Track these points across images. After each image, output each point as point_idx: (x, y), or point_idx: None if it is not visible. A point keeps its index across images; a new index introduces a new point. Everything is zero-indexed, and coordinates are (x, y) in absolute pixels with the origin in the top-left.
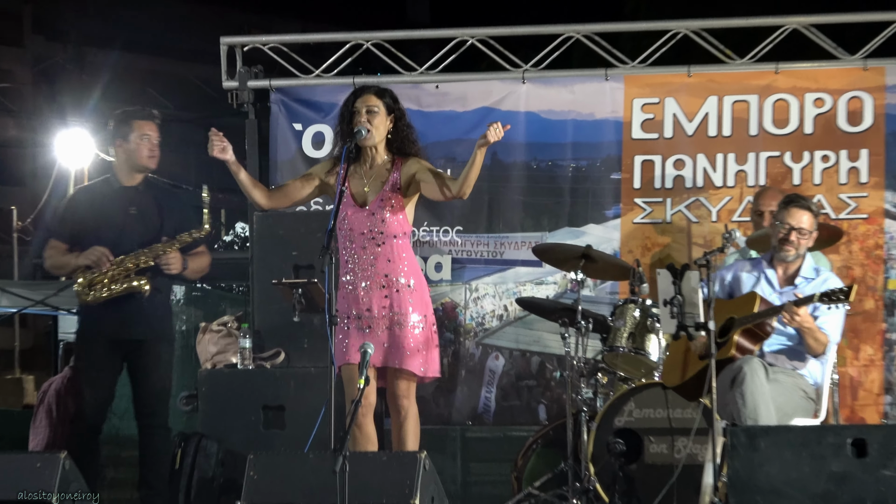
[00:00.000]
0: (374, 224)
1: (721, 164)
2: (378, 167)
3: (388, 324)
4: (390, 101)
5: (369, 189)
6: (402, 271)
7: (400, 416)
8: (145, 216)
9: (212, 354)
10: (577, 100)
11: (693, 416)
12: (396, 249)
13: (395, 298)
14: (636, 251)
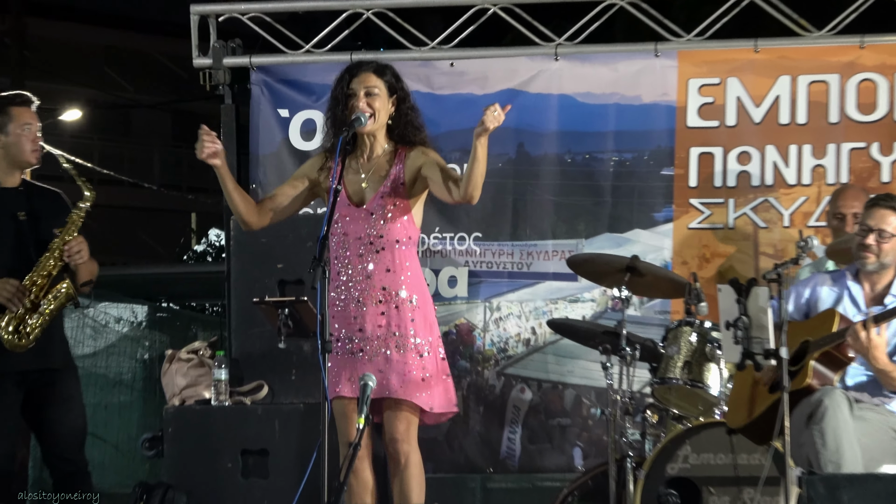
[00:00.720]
0: (372, 227)
1: (795, 157)
2: (377, 159)
3: (385, 347)
4: (392, 80)
5: (368, 185)
6: (404, 284)
7: (399, 465)
8: (37, 221)
9: (180, 388)
10: (620, 80)
11: (762, 461)
12: (398, 257)
13: (393, 316)
14: (692, 262)
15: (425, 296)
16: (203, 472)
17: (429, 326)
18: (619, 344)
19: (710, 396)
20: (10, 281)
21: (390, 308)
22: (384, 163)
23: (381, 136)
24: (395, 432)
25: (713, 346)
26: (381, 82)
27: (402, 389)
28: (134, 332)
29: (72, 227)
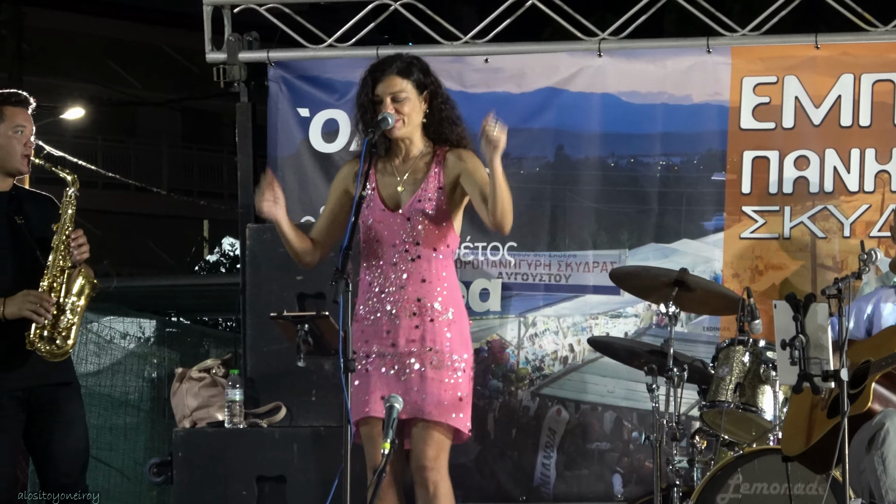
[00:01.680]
0: (408, 233)
1: (857, 162)
2: (414, 160)
3: (420, 363)
4: (420, 77)
5: (404, 189)
6: (440, 296)
7: (428, 494)
8: (33, 226)
9: (191, 409)
10: (669, 78)
11: (819, 492)
12: (435, 267)
13: (428, 330)
14: (744, 275)
15: (461, 310)
16: (215, 500)
17: (465, 343)
18: (665, 364)
19: (763, 421)
20: (30, 293)
21: (425, 321)
22: (422, 165)
23: (417, 137)
24: (424, 459)
25: (767, 367)
26: (408, 84)
27: (436, 410)
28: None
29: (67, 218)
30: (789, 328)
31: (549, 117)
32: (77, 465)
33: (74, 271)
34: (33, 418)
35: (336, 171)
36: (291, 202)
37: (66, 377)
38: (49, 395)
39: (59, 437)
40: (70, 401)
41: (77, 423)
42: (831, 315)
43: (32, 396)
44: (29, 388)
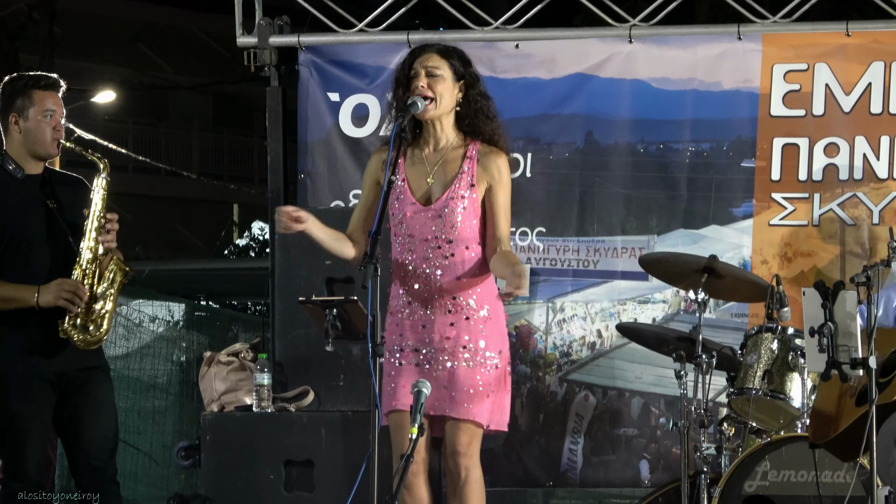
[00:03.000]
0: (440, 229)
1: (887, 149)
2: (445, 151)
3: (453, 360)
4: (458, 65)
5: (434, 181)
6: (475, 293)
7: (459, 480)
8: (65, 210)
9: (219, 393)
10: (699, 65)
11: (847, 480)
12: (469, 264)
13: (463, 327)
14: (772, 262)
15: (497, 304)
16: (243, 484)
17: (501, 338)
18: (694, 351)
19: (791, 409)
20: (65, 282)
21: (460, 319)
22: (453, 157)
23: (449, 126)
24: (457, 445)
25: (796, 354)
26: (445, 64)
27: (465, 409)
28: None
29: (100, 202)
30: (818, 316)
31: (579, 103)
32: (106, 450)
33: (106, 258)
34: (64, 402)
35: (366, 156)
36: (321, 186)
37: (97, 361)
38: (80, 379)
39: (88, 421)
40: (100, 384)
41: (106, 407)
42: (860, 303)
43: (64, 380)
44: (60, 373)
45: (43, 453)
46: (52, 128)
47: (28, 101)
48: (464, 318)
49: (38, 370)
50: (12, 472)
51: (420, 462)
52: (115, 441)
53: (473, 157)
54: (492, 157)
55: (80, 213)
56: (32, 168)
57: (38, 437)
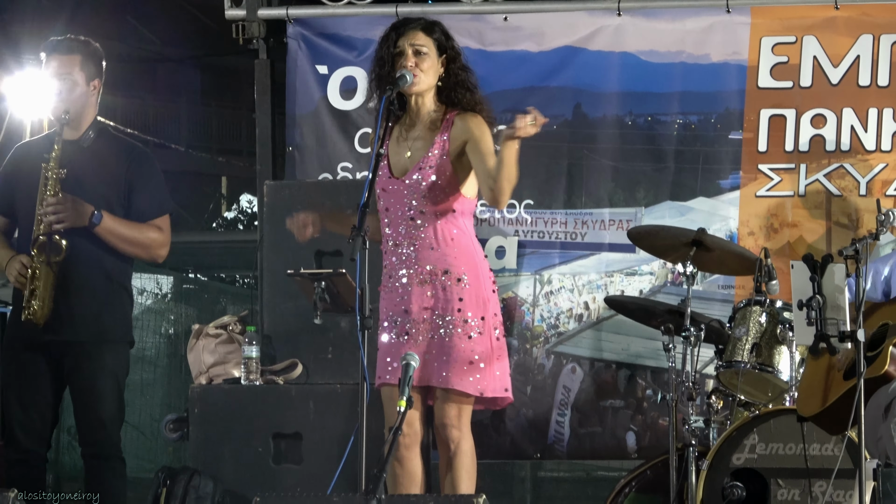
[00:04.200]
0: (413, 199)
1: (874, 121)
2: (424, 124)
3: (432, 330)
4: (441, 38)
5: (411, 154)
6: (450, 262)
7: (449, 451)
8: (80, 181)
9: (207, 366)
10: (688, 37)
11: (835, 453)
12: (443, 233)
13: (440, 297)
14: (759, 234)
15: (477, 270)
16: (231, 456)
17: (481, 304)
18: (682, 323)
19: (780, 382)
20: (20, 259)
21: (437, 288)
22: (430, 130)
23: (430, 99)
24: (445, 417)
25: (784, 327)
26: (430, 41)
27: (448, 378)
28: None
29: (50, 181)
30: (806, 289)
31: (567, 76)
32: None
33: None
34: (68, 372)
35: (354, 129)
36: (309, 159)
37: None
38: (83, 352)
39: (79, 395)
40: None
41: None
42: (848, 276)
43: (63, 350)
44: (52, 342)
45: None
46: (54, 93)
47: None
48: (440, 289)
49: (27, 339)
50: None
51: (412, 435)
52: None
53: (448, 127)
54: (466, 117)
55: (99, 184)
56: (70, 133)
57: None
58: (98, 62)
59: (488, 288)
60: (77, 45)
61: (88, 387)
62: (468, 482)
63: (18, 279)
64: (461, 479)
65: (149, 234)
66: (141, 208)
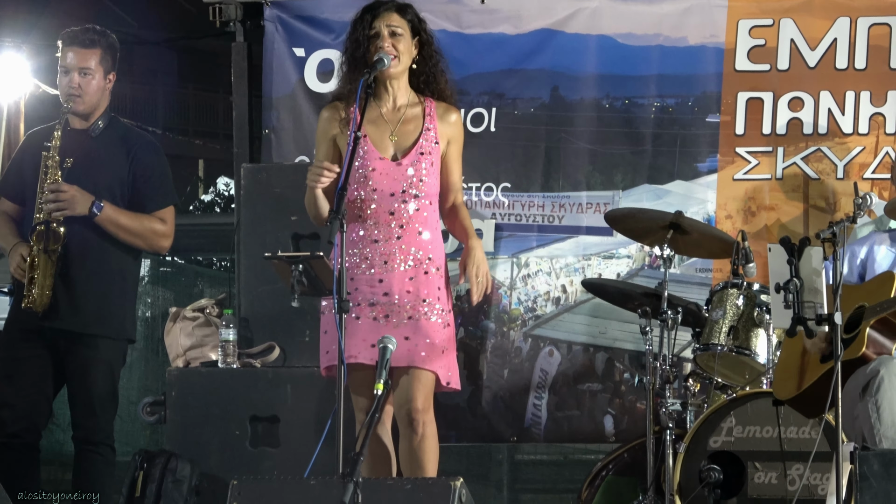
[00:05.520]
0: (409, 183)
1: (852, 104)
2: (404, 108)
3: (413, 313)
4: (415, 21)
5: (397, 137)
6: (434, 249)
7: (416, 435)
8: (86, 170)
9: (184, 349)
10: (665, 20)
11: (812, 436)
12: (430, 219)
13: (422, 282)
14: (736, 217)
15: (444, 260)
16: (208, 439)
17: (449, 295)
18: (659, 306)
19: (757, 365)
20: (19, 249)
21: (419, 273)
22: (413, 115)
23: (404, 83)
24: (415, 401)
25: (761, 310)
26: (404, 22)
27: (427, 360)
28: None
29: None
30: (784, 272)
31: (544, 59)
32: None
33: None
34: (63, 359)
35: None
36: (286, 141)
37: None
38: (77, 341)
39: (71, 384)
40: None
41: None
42: (826, 259)
43: (58, 338)
44: (47, 329)
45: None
46: (67, 83)
47: (60, 56)
48: (423, 273)
49: (26, 325)
50: None
51: (385, 415)
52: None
53: (433, 114)
54: (451, 113)
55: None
56: (79, 122)
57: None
58: (115, 55)
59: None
60: (97, 38)
61: (82, 374)
62: (433, 465)
63: (17, 270)
64: (428, 463)
65: (151, 226)
66: (144, 199)
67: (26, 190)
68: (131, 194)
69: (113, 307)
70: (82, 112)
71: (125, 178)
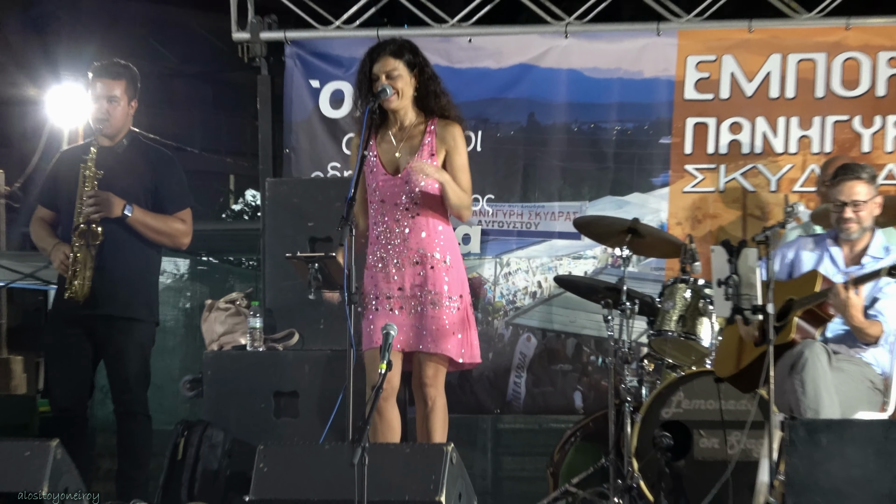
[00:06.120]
0: (407, 194)
1: (783, 128)
2: (409, 129)
3: (421, 304)
4: (410, 57)
5: (401, 155)
6: (438, 246)
7: (426, 407)
8: (115, 181)
9: (218, 335)
10: (624, 56)
11: (748, 408)
12: (433, 222)
13: (429, 276)
14: (685, 223)
15: (457, 255)
16: (239, 411)
17: (460, 284)
18: (619, 299)
19: (701, 348)
20: (62, 248)
21: (426, 268)
22: (416, 133)
23: (410, 108)
24: (424, 377)
25: (706, 301)
26: (400, 63)
27: (434, 344)
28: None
29: (81, 182)
30: (724, 269)
31: (522, 89)
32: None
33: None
34: (101, 341)
35: (342, 134)
36: (303, 159)
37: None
38: (114, 325)
39: (109, 363)
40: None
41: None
42: (760, 258)
43: (95, 325)
44: (88, 316)
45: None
46: (97, 109)
47: (91, 86)
48: (429, 268)
49: (69, 315)
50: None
51: (390, 389)
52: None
53: (433, 131)
54: (447, 128)
55: (133, 183)
56: (106, 141)
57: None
58: (137, 84)
59: (464, 270)
60: (122, 70)
61: (118, 354)
62: (442, 434)
63: (61, 266)
64: (436, 430)
65: (173, 225)
66: (166, 203)
67: (60, 199)
68: (154, 200)
69: (142, 294)
70: (110, 134)
71: (148, 185)
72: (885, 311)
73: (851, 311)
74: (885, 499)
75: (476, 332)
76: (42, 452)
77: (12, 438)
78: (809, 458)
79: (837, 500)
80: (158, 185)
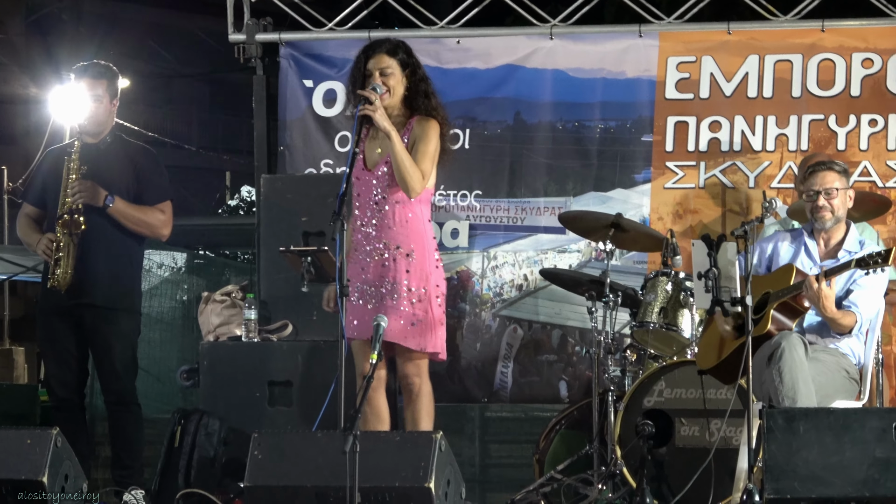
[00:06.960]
0: (376, 189)
1: (760, 126)
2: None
3: (381, 295)
4: (404, 57)
5: (381, 150)
6: (402, 238)
7: (412, 395)
8: (98, 175)
9: (214, 326)
10: (607, 58)
11: (728, 396)
12: (399, 215)
13: (390, 268)
14: (666, 218)
15: (425, 249)
16: (234, 400)
17: (424, 277)
18: (603, 291)
19: (682, 338)
20: (47, 236)
21: (388, 260)
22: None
23: (397, 107)
24: (406, 368)
25: (686, 294)
26: (394, 61)
27: (391, 333)
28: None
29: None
30: (704, 262)
31: (509, 88)
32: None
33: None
34: (89, 330)
35: (334, 132)
36: (297, 157)
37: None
38: (99, 314)
39: (97, 353)
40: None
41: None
42: (739, 252)
43: (83, 312)
44: (75, 305)
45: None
46: (86, 108)
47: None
48: (391, 260)
49: (55, 306)
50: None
51: (378, 379)
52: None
53: (410, 127)
54: (421, 122)
55: (115, 178)
56: (91, 138)
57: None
58: (117, 83)
59: (432, 264)
60: (103, 71)
61: (105, 346)
62: (428, 421)
63: (46, 252)
64: (421, 418)
65: (154, 216)
66: (146, 195)
67: (47, 196)
68: (135, 192)
69: (123, 284)
70: (94, 131)
71: (130, 179)
72: (859, 302)
73: (824, 303)
74: (860, 485)
75: (443, 328)
76: (43, 440)
77: (14, 427)
78: (787, 445)
79: (814, 486)
80: (139, 178)
